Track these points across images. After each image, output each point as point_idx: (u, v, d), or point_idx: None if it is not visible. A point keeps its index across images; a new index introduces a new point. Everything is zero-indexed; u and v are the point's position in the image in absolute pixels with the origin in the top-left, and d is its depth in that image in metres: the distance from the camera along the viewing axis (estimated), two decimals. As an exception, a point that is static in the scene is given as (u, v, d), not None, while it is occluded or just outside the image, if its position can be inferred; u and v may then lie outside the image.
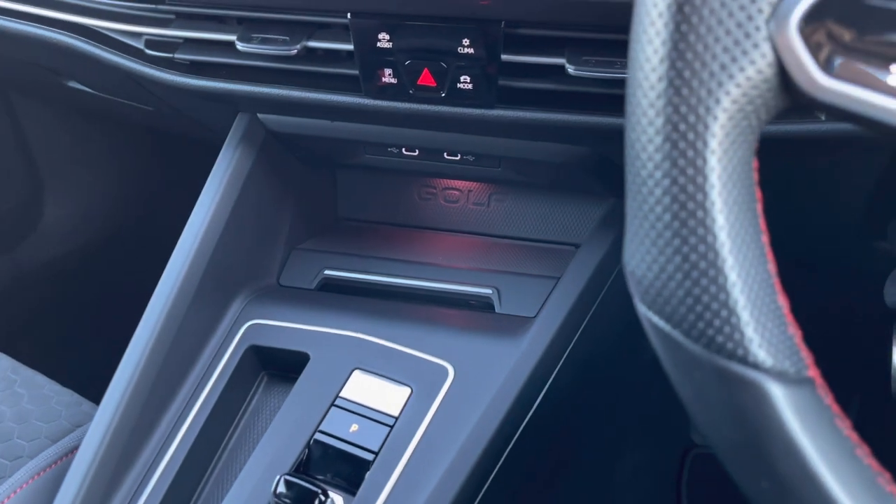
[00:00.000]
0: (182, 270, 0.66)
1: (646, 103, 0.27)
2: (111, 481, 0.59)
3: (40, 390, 0.76)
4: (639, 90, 0.27)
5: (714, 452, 0.30)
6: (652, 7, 0.26)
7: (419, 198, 0.81)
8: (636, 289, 0.29)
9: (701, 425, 0.29)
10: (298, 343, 0.66)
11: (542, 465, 0.67)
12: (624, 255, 0.30)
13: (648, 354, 1.00)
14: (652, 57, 0.27)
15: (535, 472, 0.66)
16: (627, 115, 0.29)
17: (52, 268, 1.24)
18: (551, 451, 0.69)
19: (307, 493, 0.54)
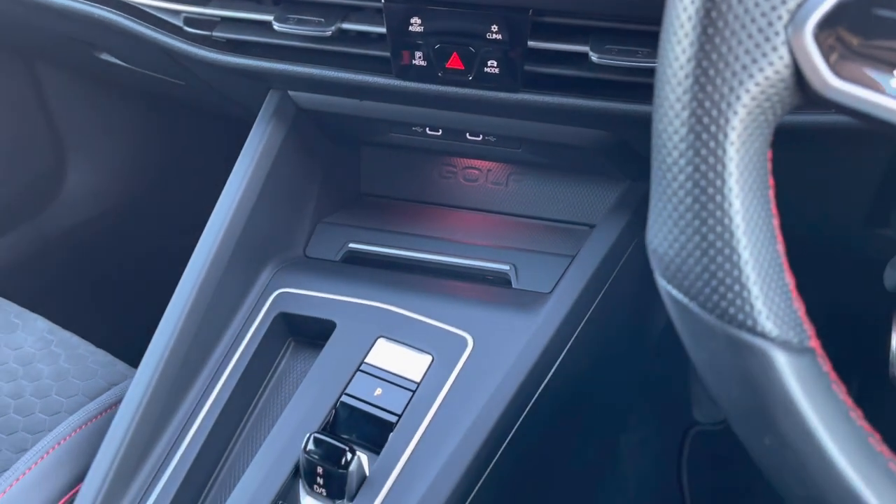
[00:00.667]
0: (216, 240, 0.69)
1: (673, 97, 0.30)
2: (151, 435, 0.63)
3: (76, 350, 0.80)
4: (667, 86, 0.30)
5: (723, 414, 0.33)
6: (682, 11, 0.29)
7: (439, 176, 0.84)
8: (657, 265, 0.32)
9: (712, 388, 0.33)
10: (325, 311, 0.69)
11: (553, 432, 0.71)
12: (647, 234, 0.33)
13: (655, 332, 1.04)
14: (680, 56, 0.30)
15: (548, 438, 0.70)
16: (655, 108, 0.32)
17: (74, 235, 1.28)
18: (562, 421, 0.72)
19: (336, 450, 0.57)
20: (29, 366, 0.78)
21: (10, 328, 0.82)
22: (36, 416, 0.73)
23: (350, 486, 0.58)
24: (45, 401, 0.75)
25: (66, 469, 0.64)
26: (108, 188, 1.31)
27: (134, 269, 1.29)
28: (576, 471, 0.84)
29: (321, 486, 0.58)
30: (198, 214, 1.29)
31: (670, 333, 0.98)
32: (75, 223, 1.28)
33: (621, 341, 0.83)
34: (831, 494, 0.29)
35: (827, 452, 0.29)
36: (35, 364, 0.78)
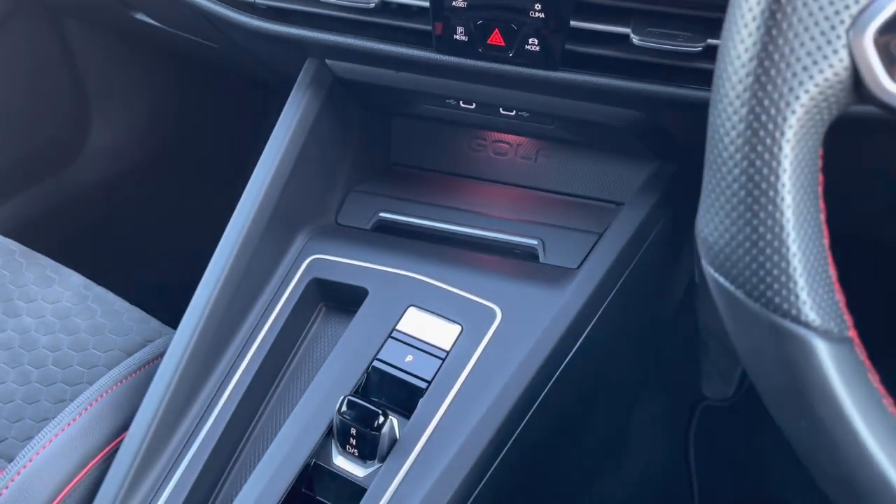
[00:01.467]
0: (255, 205, 0.71)
1: (732, 94, 0.31)
2: (191, 390, 0.66)
3: (111, 306, 0.82)
4: (727, 82, 0.32)
5: (761, 396, 0.35)
6: (747, 10, 0.30)
7: (469, 149, 0.85)
8: (706, 253, 0.34)
9: (752, 372, 0.35)
10: (358, 279, 0.71)
11: (574, 404, 0.73)
12: (697, 223, 0.34)
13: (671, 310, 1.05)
14: (742, 54, 0.31)
15: (568, 410, 0.72)
16: (713, 103, 0.33)
17: (96, 192, 1.30)
18: (582, 393, 0.75)
19: (369, 413, 0.60)
20: (66, 320, 0.80)
21: (47, 282, 0.84)
22: (74, 369, 0.76)
23: (382, 448, 0.60)
24: (83, 354, 0.77)
25: (109, 420, 0.67)
26: (131, 146, 1.33)
27: (156, 227, 1.31)
28: (589, 441, 0.87)
29: (353, 446, 0.61)
30: (219, 177, 1.31)
31: (684, 311, 1.00)
32: (98, 180, 1.30)
33: (641, 318, 0.85)
34: (861, 474, 0.31)
35: (859, 436, 0.31)
36: (72, 318, 0.80)
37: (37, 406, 0.73)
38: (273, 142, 0.73)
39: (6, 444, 0.71)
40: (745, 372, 1.11)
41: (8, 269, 0.86)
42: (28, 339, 0.79)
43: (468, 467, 0.60)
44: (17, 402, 0.74)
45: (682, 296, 0.99)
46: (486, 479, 0.61)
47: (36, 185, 1.23)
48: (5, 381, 0.76)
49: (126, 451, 0.63)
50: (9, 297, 0.83)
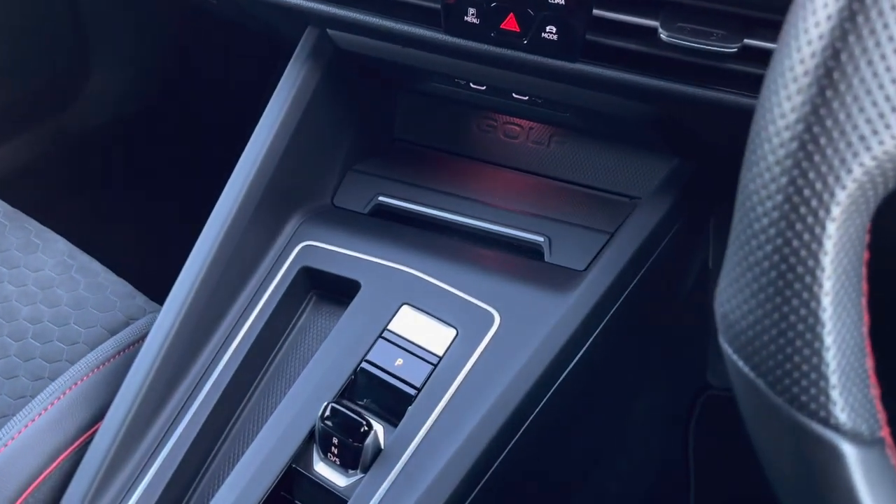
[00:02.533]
0: (246, 182, 0.67)
1: (772, 158, 0.26)
2: (171, 380, 0.63)
3: (95, 278, 0.79)
4: (766, 143, 0.27)
5: (774, 492, 0.31)
6: (798, 63, 0.25)
7: (478, 129, 0.80)
8: (725, 331, 0.30)
9: (766, 464, 0.31)
10: (350, 270, 0.67)
11: (573, 412, 0.70)
12: (718, 295, 0.30)
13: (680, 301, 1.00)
14: (788, 113, 0.26)
15: (567, 418, 0.69)
16: (747, 161, 0.28)
17: (95, 137, 1.25)
18: (583, 400, 0.71)
19: (352, 422, 0.57)
20: (48, 290, 0.77)
21: (31, 248, 0.81)
22: (54, 344, 0.73)
23: (365, 458, 0.58)
24: (64, 329, 0.74)
25: (84, 409, 0.64)
26: (131, 89, 1.28)
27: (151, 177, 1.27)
28: (586, 441, 0.84)
29: (335, 454, 0.58)
30: (222, 130, 1.26)
31: (693, 299, 0.95)
32: (96, 124, 1.25)
33: (649, 318, 0.81)
34: None
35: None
36: (54, 289, 0.77)
37: (14, 382, 0.71)
38: (268, 115, 0.69)
39: (-18, 420, 0.69)
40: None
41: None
42: (8, 309, 0.76)
43: (456, 482, 0.57)
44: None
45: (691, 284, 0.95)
46: (475, 494, 0.58)
47: (28, 132, 1.19)
48: (-16, 352, 0.73)
49: (98, 445, 0.60)
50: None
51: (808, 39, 0.25)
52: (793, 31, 0.26)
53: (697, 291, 0.96)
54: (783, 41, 0.27)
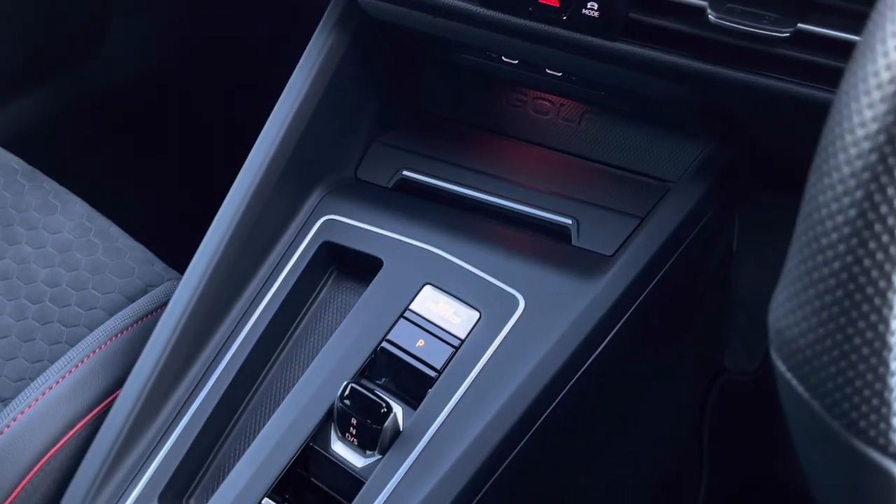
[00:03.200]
0: (268, 153, 0.65)
1: (847, 170, 0.25)
2: (191, 350, 0.62)
3: (114, 243, 0.78)
4: (841, 153, 0.25)
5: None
6: (883, 68, 0.23)
7: (507, 103, 0.78)
8: (780, 347, 0.28)
9: (814, 487, 0.29)
10: (373, 247, 0.66)
11: (594, 400, 0.69)
12: (774, 309, 0.28)
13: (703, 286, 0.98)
14: (869, 123, 0.24)
15: (588, 406, 0.68)
16: (818, 171, 0.26)
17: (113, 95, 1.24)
18: (603, 388, 0.70)
19: (372, 403, 0.56)
20: (67, 253, 0.76)
21: (50, 209, 0.80)
22: (72, 309, 0.73)
23: (383, 441, 0.57)
24: (82, 294, 0.73)
25: (102, 377, 0.64)
26: (151, 44, 1.26)
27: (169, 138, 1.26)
28: (603, 426, 0.83)
29: (353, 435, 0.57)
30: (239, 91, 1.23)
31: (716, 281, 0.92)
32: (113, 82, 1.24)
33: (675, 304, 0.79)
34: None
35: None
36: (73, 252, 0.76)
37: (32, 345, 0.70)
38: (293, 84, 0.67)
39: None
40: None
41: (9, 190, 0.81)
42: (27, 271, 0.75)
43: (475, 467, 0.56)
44: (11, 339, 0.71)
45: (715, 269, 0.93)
46: (493, 479, 0.58)
47: (45, 89, 1.17)
48: (1, 314, 0.73)
49: (115, 415, 0.60)
50: (9, 222, 0.79)
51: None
52: (879, 33, 0.23)
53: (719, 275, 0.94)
54: (867, 43, 0.24)
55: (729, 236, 0.87)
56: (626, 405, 0.92)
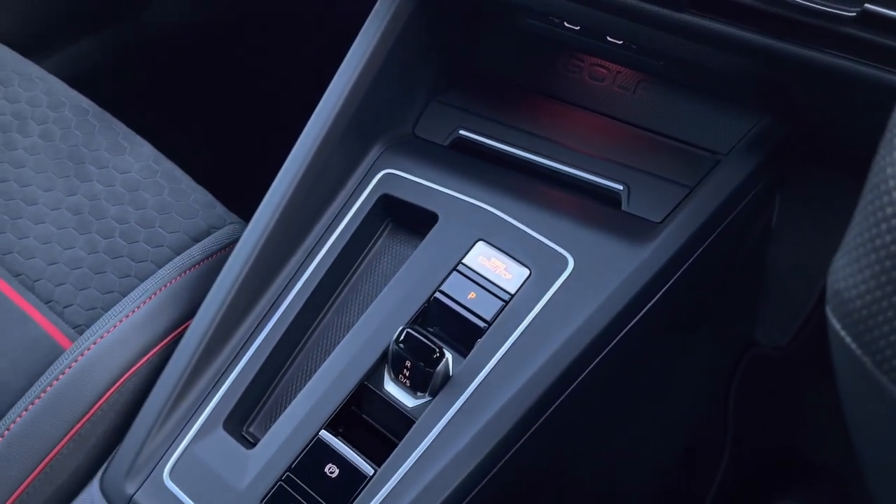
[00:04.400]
0: (334, 109, 0.68)
1: None
2: (255, 291, 0.66)
3: (178, 185, 0.81)
4: None
5: (863, 465, 0.32)
6: None
7: (564, 68, 0.79)
8: (837, 307, 0.30)
9: (859, 442, 0.32)
10: (429, 202, 0.69)
11: (634, 359, 0.71)
12: (834, 271, 0.31)
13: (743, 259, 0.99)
14: None
15: (627, 366, 0.70)
16: (888, 144, 0.28)
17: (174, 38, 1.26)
18: (642, 350, 0.73)
19: (426, 347, 0.59)
20: (135, 192, 0.80)
21: (119, 150, 0.83)
22: (140, 246, 0.77)
23: (434, 384, 0.60)
24: (149, 232, 0.77)
25: (171, 311, 0.68)
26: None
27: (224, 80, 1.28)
28: (637, 389, 0.86)
29: (406, 377, 0.61)
30: (310, 41, 1.24)
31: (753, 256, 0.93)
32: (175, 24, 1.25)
33: (715, 274, 0.81)
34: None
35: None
36: (140, 192, 0.80)
37: (103, 277, 0.75)
38: (359, 43, 0.69)
39: (71, 311, 0.73)
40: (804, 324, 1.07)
41: (81, 129, 0.85)
42: (97, 207, 0.79)
43: (520, 413, 0.60)
44: (83, 270, 0.75)
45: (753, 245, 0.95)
46: (536, 427, 0.61)
47: (107, 31, 1.20)
48: (73, 246, 0.77)
49: (186, 344, 0.64)
50: (80, 160, 0.83)
51: None
52: None
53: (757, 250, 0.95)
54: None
55: (769, 213, 0.89)
56: (659, 370, 0.95)
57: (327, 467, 0.59)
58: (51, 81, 0.89)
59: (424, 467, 0.58)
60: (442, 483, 0.58)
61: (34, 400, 0.64)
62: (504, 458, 0.60)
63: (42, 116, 0.85)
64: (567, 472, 0.82)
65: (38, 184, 0.81)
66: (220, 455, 0.60)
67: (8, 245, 0.77)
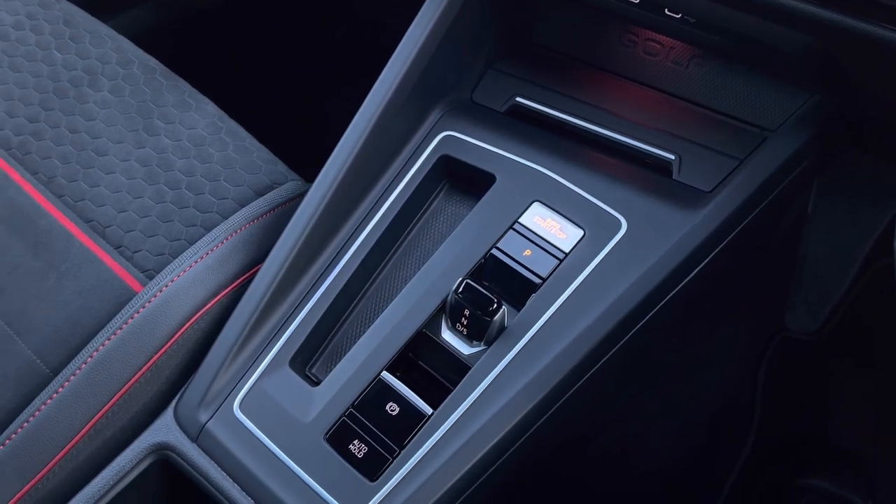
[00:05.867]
0: (399, 74, 0.71)
1: None
2: (321, 240, 0.70)
3: (242, 142, 0.85)
4: None
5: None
6: None
7: (618, 42, 0.81)
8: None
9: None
10: (487, 163, 0.71)
11: (675, 323, 0.74)
12: None
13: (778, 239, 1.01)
14: None
15: (669, 331, 0.73)
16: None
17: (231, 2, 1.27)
18: (685, 314, 0.75)
19: (484, 298, 0.62)
20: (200, 147, 0.84)
21: (185, 107, 0.87)
22: (206, 197, 0.80)
23: (490, 333, 0.63)
24: (215, 185, 0.81)
25: (241, 256, 0.71)
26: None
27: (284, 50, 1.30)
28: (673, 357, 0.89)
29: (464, 325, 0.64)
30: (356, 12, 1.25)
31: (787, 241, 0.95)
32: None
33: (755, 249, 0.83)
34: None
35: None
36: (206, 147, 0.84)
37: (170, 225, 0.78)
38: (424, 11, 0.71)
39: (140, 256, 0.77)
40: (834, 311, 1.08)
41: (149, 86, 0.89)
42: (165, 160, 0.83)
43: (570, 366, 0.63)
44: (152, 219, 0.79)
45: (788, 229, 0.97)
46: (584, 380, 0.64)
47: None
48: (142, 196, 0.81)
49: (256, 287, 0.68)
50: (149, 115, 0.86)
51: None
52: None
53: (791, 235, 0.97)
54: None
55: (806, 198, 0.91)
56: (696, 342, 0.98)
57: (388, 405, 0.62)
58: (119, 40, 0.92)
59: (478, 411, 0.62)
60: (495, 427, 0.61)
61: (110, 336, 0.68)
62: (552, 409, 0.63)
63: (112, 73, 0.89)
64: (602, 434, 0.85)
65: (108, 136, 0.84)
66: (286, 391, 0.64)
67: (80, 192, 0.81)
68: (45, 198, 0.81)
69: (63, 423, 0.63)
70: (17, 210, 0.80)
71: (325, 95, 1.14)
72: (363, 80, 0.76)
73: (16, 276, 0.76)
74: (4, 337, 0.73)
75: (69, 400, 0.64)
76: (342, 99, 0.87)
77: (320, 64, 1.28)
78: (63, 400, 0.64)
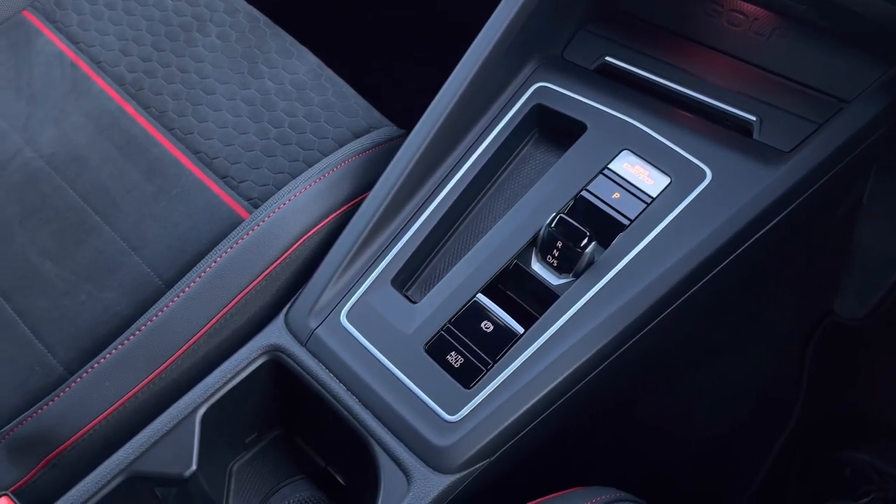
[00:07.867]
0: (498, 31, 0.75)
1: None
2: (423, 173, 0.75)
3: (340, 88, 0.90)
4: None
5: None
6: None
7: (703, 12, 0.85)
8: None
9: None
10: (578, 113, 0.76)
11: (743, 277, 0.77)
12: None
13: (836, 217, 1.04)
14: None
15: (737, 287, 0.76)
16: None
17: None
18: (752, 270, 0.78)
19: (577, 231, 0.67)
20: (302, 91, 0.89)
21: (287, 54, 0.93)
22: (307, 136, 0.86)
23: (580, 265, 0.68)
24: (315, 125, 0.87)
25: (349, 183, 0.77)
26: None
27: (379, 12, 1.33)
28: (731, 317, 0.92)
29: (554, 257, 0.69)
30: None
31: (841, 227, 0.98)
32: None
33: (820, 219, 0.87)
34: None
35: None
36: (307, 91, 0.89)
37: (273, 160, 0.84)
38: None
39: (246, 186, 0.83)
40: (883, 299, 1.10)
41: (254, 34, 0.94)
42: (268, 101, 0.89)
43: (650, 302, 0.67)
44: (256, 153, 0.85)
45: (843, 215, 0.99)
46: (661, 317, 0.68)
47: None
48: (247, 132, 0.86)
49: (365, 210, 0.73)
50: (254, 60, 0.92)
51: None
52: None
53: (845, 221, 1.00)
54: None
55: (862, 185, 0.94)
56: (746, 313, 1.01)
57: (483, 323, 0.67)
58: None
59: (565, 335, 0.66)
60: (580, 350, 0.66)
61: (227, 249, 0.73)
62: (633, 339, 0.68)
63: (220, 20, 0.95)
64: (652, 397, 0.88)
65: (215, 77, 0.90)
66: (388, 305, 0.69)
67: (189, 126, 0.87)
68: (156, 130, 0.87)
69: (185, 322, 0.69)
70: (131, 139, 0.86)
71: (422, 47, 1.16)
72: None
73: (131, 198, 0.82)
74: (120, 250, 0.79)
75: (192, 303, 0.70)
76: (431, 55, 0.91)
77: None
78: (184, 303, 0.70)
